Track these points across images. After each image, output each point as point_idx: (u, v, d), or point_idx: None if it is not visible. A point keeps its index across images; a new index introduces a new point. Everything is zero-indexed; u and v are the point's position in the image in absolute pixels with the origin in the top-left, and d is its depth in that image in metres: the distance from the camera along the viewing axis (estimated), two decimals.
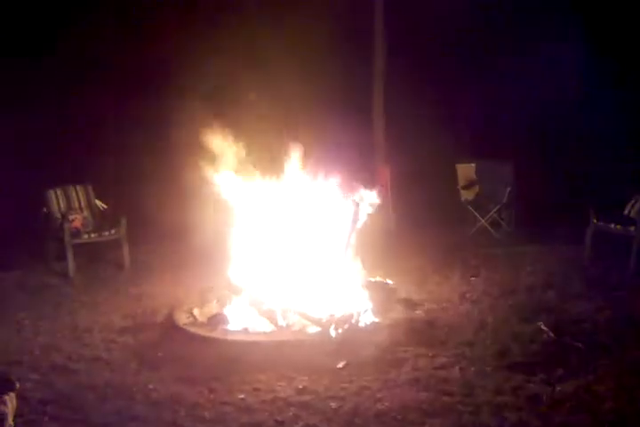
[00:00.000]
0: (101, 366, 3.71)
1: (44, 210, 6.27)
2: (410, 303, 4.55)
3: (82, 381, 3.49)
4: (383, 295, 4.55)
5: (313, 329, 4.06)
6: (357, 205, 4.66)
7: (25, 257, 5.97)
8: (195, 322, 4.27)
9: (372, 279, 4.63)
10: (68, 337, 4.17)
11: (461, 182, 7.12)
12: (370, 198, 4.67)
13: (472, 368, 3.42)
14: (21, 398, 3.26)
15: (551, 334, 3.80)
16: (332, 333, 3.96)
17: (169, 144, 6.21)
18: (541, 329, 3.87)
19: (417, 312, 4.39)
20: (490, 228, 6.53)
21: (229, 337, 3.96)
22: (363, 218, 4.62)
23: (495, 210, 6.54)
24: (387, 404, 3.10)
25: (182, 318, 4.32)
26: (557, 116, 7.48)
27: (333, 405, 3.11)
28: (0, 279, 5.53)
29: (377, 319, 4.19)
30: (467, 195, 7.03)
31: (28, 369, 3.64)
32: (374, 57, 7.78)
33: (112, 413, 3.11)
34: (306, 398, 3.20)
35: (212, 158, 4.57)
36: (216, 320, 4.25)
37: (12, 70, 6.71)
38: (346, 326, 4.02)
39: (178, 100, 6.00)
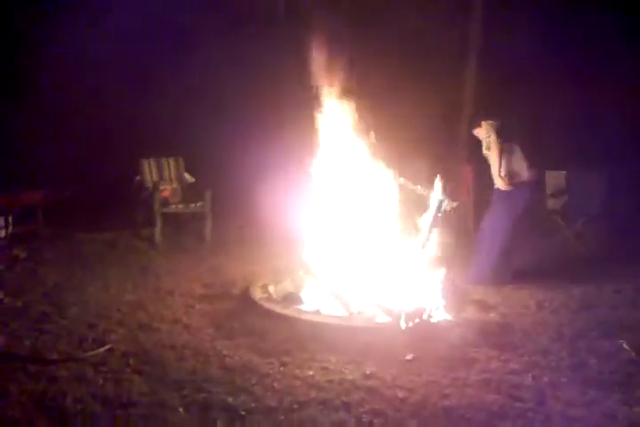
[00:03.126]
0: (180, 328, 3.91)
1: (137, 178, 6.61)
2: (484, 305, 4.49)
3: (162, 339, 3.69)
4: (457, 294, 4.52)
5: (383, 319, 4.09)
6: (440, 201, 4.64)
7: (117, 221, 6.32)
8: (269, 298, 4.40)
9: (447, 277, 4.59)
10: (151, 298, 4.42)
11: (549, 190, 6.90)
12: (451, 196, 4.64)
13: (545, 378, 3.33)
14: (108, 349, 3.52)
15: (633, 354, 3.64)
16: (402, 324, 3.97)
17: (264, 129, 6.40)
18: (623, 347, 3.71)
19: (491, 315, 4.32)
20: (575, 239, 6.29)
21: (302, 316, 4.05)
22: (443, 215, 4.60)
23: (583, 221, 6.30)
24: (455, 401, 3.07)
25: (258, 293, 4.46)
26: None
27: (400, 394, 3.12)
28: (93, 240, 5.91)
29: (449, 317, 4.16)
30: (554, 204, 6.81)
31: (116, 324, 3.90)
32: (467, 57, 7.65)
33: (188, 372, 3.27)
34: (373, 383, 3.23)
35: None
36: (290, 299, 4.37)
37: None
38: (417, 320, 4.02)
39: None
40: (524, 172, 5.19)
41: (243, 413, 2.88)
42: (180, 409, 2.90)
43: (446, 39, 7.55)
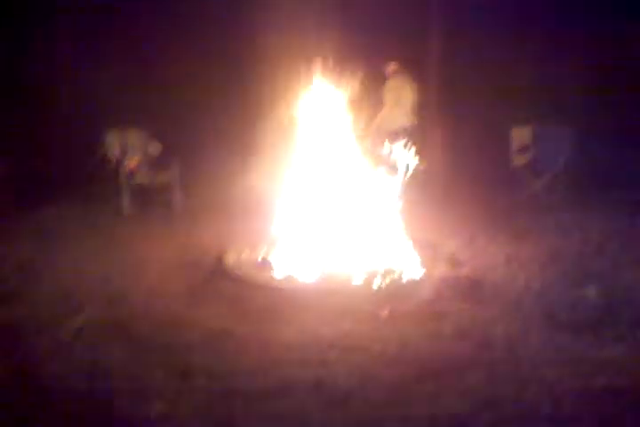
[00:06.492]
0: (155, 297, 3.89)
1: (101, 150, 6.46)
2: (455, 262, 4.56)
3: (138, 309, 3.69)
4: (428, 252, 4.59)
5: (356, 280, 4.14)
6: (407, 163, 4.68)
7: (82, 196, 6.18)
8: (243, 265, 4.40)
9: (417, 236, 4.64)
10: (124, 269, 4.38)
11: (516, 146, 6.95)
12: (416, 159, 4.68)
13: (515, 326, 3.44)
14: (84, 320, 3.50)
15: (598, 300, 3.75)
16: (375, 284, 4.03)
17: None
18: (589, 294, 3.82)
19: (461, 270, 4.40)
20: (542, 194, 6.39)
21: (275, 282, 4.08)
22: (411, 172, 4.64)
23: (549, 176, 6.39)
24: (428, 352, 3.16)
25: (231, 260, 4.45)
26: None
27: (376, 349, 3.20)
28: (60, 216, 5.79)
29: (421, 275, 4.23)
30: (520, 159, 6.87)
31: (90, 295, 3.86)
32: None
33: (166, 340, 3.28)
34: (349, 341, 3.29)
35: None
36: (262, 265, 4.38)
37: None
38: (388, 279, 4.09)
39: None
40: None
41: (223, 376, 2.92)
42: (161, 375, 2.92)
43: None
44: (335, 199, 4.52)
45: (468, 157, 6.82)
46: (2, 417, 2.62)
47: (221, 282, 4.15)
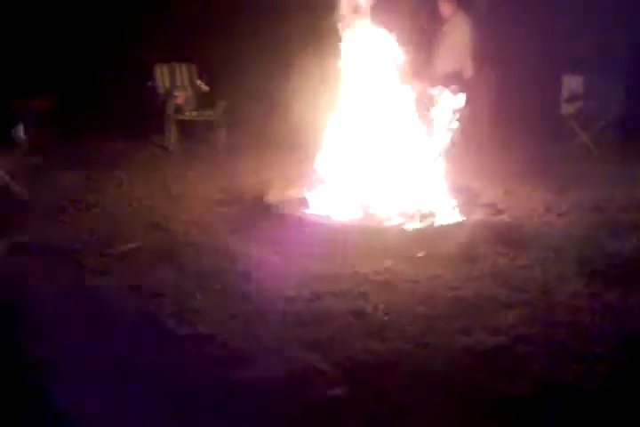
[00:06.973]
0: (196, 229, 4.03)
1: (149, 84, 6.49)
2: (494, 208, 4.52)
3: (180, 238, 3.83)
4: (468, 198, 4.56)
5: (396, 220, 4.16)
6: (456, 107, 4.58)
7: (128, 129, 6.27)
8: (282, 201, 4.46)
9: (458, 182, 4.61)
10: (167, 202, 4.51)
11: (566, 95, 6.69)
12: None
13: (552, 272, 3.43)
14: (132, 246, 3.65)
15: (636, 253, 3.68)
16: (415, 225, 4.05)
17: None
18: (628, 246, 3.76)
19: (501, 217, 4.37)
20: (590, 144, 6.19)
21: (315, 218, 4.13)
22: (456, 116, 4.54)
23: (600, 127, 6.17)
24: (462, 292, 3.20)
25: (271, 197, 4.51)
26: None
27: (412, 286, 3.26)
28: (106, 146, 5.93)
29: (460, 219, 4.23)
30: (570, 108, 6.63)
31: (134, 223, 4.05)
32: None
33: (206, 266, 3.42)
34: (387, 278, 3.36)
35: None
36: (302, 202, 4.43)
37: None
38: (427, 222, 4.11)
39: None
40: None
41: (262, 301, 3.03)
42: (200, 295, 3.06)
43: None
44: (378, 140, 4.49)
45: (516, 104, 6.60)
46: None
47: (262, 216, 4.23)
